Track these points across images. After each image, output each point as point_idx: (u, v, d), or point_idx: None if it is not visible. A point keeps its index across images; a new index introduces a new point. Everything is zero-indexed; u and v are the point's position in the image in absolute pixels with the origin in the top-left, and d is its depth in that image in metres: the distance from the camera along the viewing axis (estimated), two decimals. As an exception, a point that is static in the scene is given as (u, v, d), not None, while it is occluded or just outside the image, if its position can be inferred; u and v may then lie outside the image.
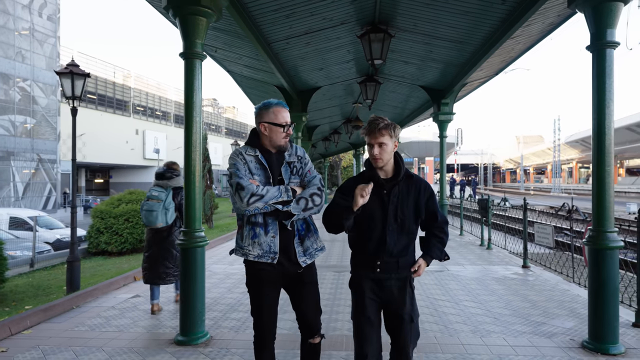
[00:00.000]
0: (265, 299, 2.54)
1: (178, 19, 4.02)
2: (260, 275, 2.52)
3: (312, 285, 2.64)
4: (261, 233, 2.47)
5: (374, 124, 2.44)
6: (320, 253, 2.65)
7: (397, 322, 2.47)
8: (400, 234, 2.46)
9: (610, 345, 3.67)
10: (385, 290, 2.47)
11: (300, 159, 2.66)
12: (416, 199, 2.50)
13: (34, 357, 3.65)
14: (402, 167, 2.50)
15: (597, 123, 3.78)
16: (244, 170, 2.50)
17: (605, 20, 3.69)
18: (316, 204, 2.53)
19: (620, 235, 3.89)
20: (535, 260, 8.05)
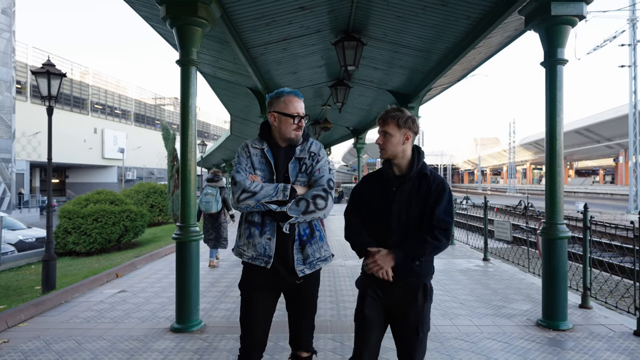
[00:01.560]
0: (255, 306, 2.32)
1: (175, 29, 4.29)
2: (253, 278, 2.32)
3: (310, 301, 2.42)
4: (256, 233, 2.27)
5: (383, 112, 2.31)
6: (324, 264, 2.39)
7: (402, 332, 2.27)
8: (405, 235, 2.22)
9: (560, 322, 4.24)
10: (389, 296, 2.26)
11: (313, 155, 2.38)
12: (425, 199, 2.24)
13: (38, 347, 3.84)
14: (415, 164, 2.28)
15: (550, 129, 4.34)
16: (245, 164, 2.31)
17: (556, 40, 4.26)
18: (319, 207, 2.25)
19: (570, 231, 4.47)
20: (494, 254, 8.72)
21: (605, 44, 19.90)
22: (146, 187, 19.45)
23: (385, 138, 2.26)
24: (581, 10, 4.15)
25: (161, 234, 15.98)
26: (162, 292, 5.79)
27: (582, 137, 50.21)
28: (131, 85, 61.85)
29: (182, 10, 4.19)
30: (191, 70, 4.34)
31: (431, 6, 6.15)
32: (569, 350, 3.72)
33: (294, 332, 2.48)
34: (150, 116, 64.25)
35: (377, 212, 2.27)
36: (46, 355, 3.66)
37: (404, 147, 2.26)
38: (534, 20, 4.37)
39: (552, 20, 4.20)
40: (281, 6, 6.15)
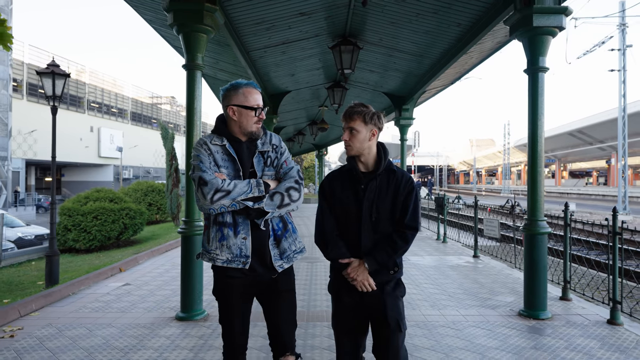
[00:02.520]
0: (235, 310, 2.27)
1: (181, 35, 4.56)
2: (230, 283, 2.22)
3: (288, 294, 2.32)
4: (230, 234, 2.16)
5: (348, 108, 2.28)
6: (300, 255, 2.34)
7: (384, 331, 2.23)
8: (376, 234, 2.23)
9: (540, 312, 4.55)
10: (365, 296, 2.24)
11: (276, 148, 2.33)
12: (394, 196, 2.25)
13: (51, 333, 4.10)
14: (383, 160, 2.28)
15: (532, 133, 4.64)
16: (209, 163, 2.18)
17: (538, 49, 4.56)
18: (293, 199, 2.21)
19: (552, 228, 4.77)
20: (484, 251, 9.03)
21: (595, 49, 20.37)
22: (144, 186, 19.64)
23: (351, 134, 2.23)
24: (560, 22, 4.44)
25: (159, 231, 16.19)
26: (165, 285, 6.05)
27: (575, 139, 50.78)
28: (128, 84, 61.85)
29: (188, 17, 4.46)
30: (196, 74, 4.61)
31: (423, 14, 6.45)
32: (546, 336, 4.02)
33: (275, 335, 2.34)
34: (147, 115, 64.24)
35: (349, 211, 2.25)
36: (60, 340, 3.92)
37: (369, 144, 2.25)
38: (517, 30, 4.67)
39: (534, 31, 4.50)
40: (281, 12, 6.43)
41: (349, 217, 2.25)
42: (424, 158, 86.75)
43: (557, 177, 67.89)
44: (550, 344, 3.86)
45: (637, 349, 3.73)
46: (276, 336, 2.33)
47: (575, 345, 3.81)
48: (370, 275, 2.20)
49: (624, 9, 19.15)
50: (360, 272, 2.18)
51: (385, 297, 2.23)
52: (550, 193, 52.22)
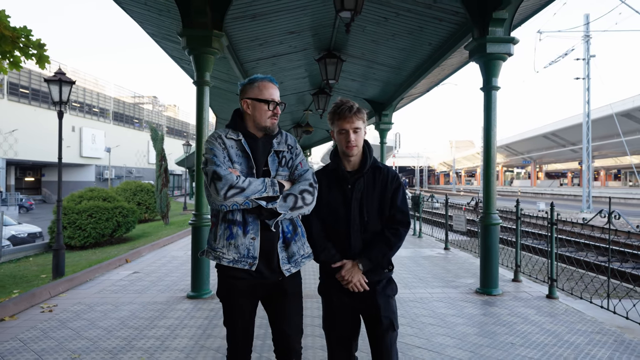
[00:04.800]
0: (240, 312, 2.19)
1: (192, 57, 5.36)
2: (235, 284, 2.15)
3: (294, 298, 2.25)
4: (239, 233, 2.09)
5: (347, 107, 2.19)
6: (307, 260, 2.25)
7: (377, 330, 2.22)
8: (365, 233, 2.21)
9: (493, 289, 5.47)
10: (356, 296, 2.21)
11: (291, 148, 2.27)
12: (382, 193, 2.24)
13: (84, 309, 4.85)
14: (368, 158, 2.26)
15: (486, 140, 5.57)
16: (223, 157, 2.11)
17: (491, 71, 5.49)
18: (307, 202, 2.13)
19: (523, 225, 5.68)
20: (455, 244, 9.99)
21: (559, 60, 21.75)
22: (133, 186, 20.18)
23: (356, 134, 2.19)
24: (509, 50, 5.38)
25: (150, 230, 16.81)
26: (170, 273, 6.81)
27: (550, 142, 52.69)
28: (110, 84, 61.78)
29: (199, 42, 5.26)
30: (205, 89, 5.41)
31: (400, 34, 7.37)
32: (494, 307, 4.95)
33: (280, 341, 2.26)
34: (129, 115, 64.07)
35: (337, 211, 2.23)
36: (93, 313, 4.67)
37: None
38: (475, 55, 5.59)
39: (488, 57, 5.43)
40: (274, 31, 7.27)
41: (337, 217, 2.23)
42: (405, 159, 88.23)
43: (532, 178, 70.05)
44: (496, 312, 4.78)
45: (564, 315, 4.67)
46: (281, 342, 2.24)
47: (516, 313, 4.74)
48: (365, 273, 2.18)
49: (588, 22, 20.54)
50: (355, 273, 2.16)
51: (378, 296, 2.20)
52: (526, 193, 54.04)
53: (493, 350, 3.69)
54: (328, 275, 2.27)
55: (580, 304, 5.11)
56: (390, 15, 6.67)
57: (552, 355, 3.59)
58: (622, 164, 56.10)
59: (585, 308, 4.91)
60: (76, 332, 4.08)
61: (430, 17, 6.49)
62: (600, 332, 4.14)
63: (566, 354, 3.63)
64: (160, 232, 15.15)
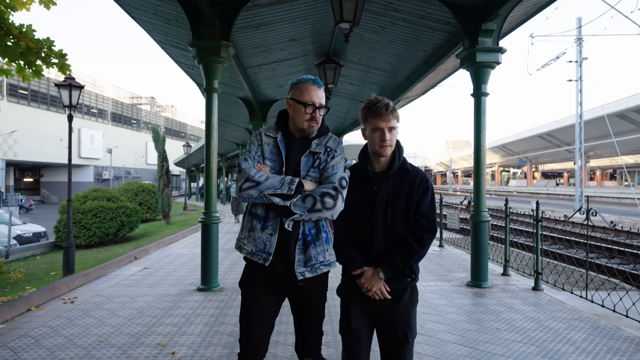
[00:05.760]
0: (256, 306, 2.17)
1: (202, 66, 5.74)
2: (254, 276, 2.18)
3: (316, 301, 2.23)
4: (257, 227, 2.12)
5: (384, 104, 2.08)
6: (327, 269, 2.18)
7: (390, 340, 2.17)
8: (389, 237, 2.11)
9: (482, 282, 5.87)
10: (376, 302, 2.12)
11: (329, 151, 2.21)
12: (408, 197, 2.13)
13: (102, 300, 5.22)
14: (397, 159, 2.15)
15: (476, 143, 5.96)
16: (255, 152, 2.18)
17: (480, 79, 5.88)
18: (327, 206, 2.05)
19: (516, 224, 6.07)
20: (449, 242, 10.37)
21: (551, 63, 22.23)
22: (134, 186, 20.53)
23: (391, 134, 2.10)
24: (497, 59, 5.78)
25: (152, 229, 17.16)
26: (178, 268, 7.18)
27: (545, 142, 53.20)
28: (108, 85, 62.19)
29: (208, 52, 5.64)
30: (213, 96, 5.79)
31: (396, 41, 7.76)
32: (483, 298, 5.34)
33: (299, 338, 2.29)
34: (127, 115, 64.31)
35: (361, 213, 2.15)
36: (111, 304, 5.04)
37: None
38: (465, 63, 5.99)
39: (477, 65, 5.82)
40: (276, 39, 7.65)
41: (360, 220, 2.15)
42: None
43: (528, 178, 70.61)
44: (485, 302, 5.18)
45: (547, 304, 5.07)
46: (301, 342, 2.28)
47: (503, 303, 5.14)
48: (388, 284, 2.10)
49: (581, 25, 21.01)
50: (375, 281, 2.08)
51: (399, 307, 2.13)
52: (522, 193, 54.56)
53: (480, 335, 4.08)
54: (349, 279, 2.18)
55: (563, 295, 5.51)
56: (386, 25, 7.05)
57: (532, 339, 3.98)
58: (617, 164, 56.71)
59: (567, 298, 5.31)
60: (99, 320, 4.45)
61: (424, 26, 6.88)
62: (578, 319, 4.54)
63: (545, 337, 4.03)
64: (163, 231, 15.50)
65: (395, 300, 2.12)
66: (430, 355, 3.59)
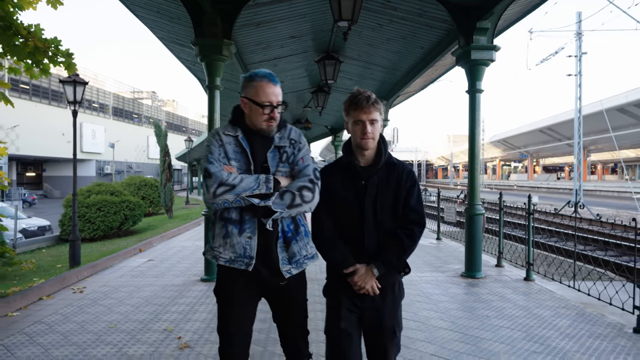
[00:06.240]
0: (235, 314, 2.10)
1: (204, 63, 5.92)
2: (232, 284, 2.09)
3: (298, 300, 2.19)
4: (234, 232, 2.02)
5: (365, 97, 2.07)
6: (311, 262, 2.16)
7: (379, 336, 2.15)
8: (379, 232, 2.11)
9: (476, 273, 6.07)
10: (365, 299, 2.11)
11: (294, 143, 2.16)
12: (396, 190, 2.13)
13: (110, 290, 5.43)
14: (383, 153, 2.15)
15: (471, 139, 6.15)
16: (218, 154, 2.06)
17: (475, 76, 6.05)
18: (306, 200, 2.02)
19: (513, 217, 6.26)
20: (447, 235, 10.57)
21: (550, 58, 22.34)
22: (137, 180, 20.75)
23: (373, 126, 2.07)
24: (491, 56, 5.95)
25: (155, 223, 17.40)
26: (182, 260, 7.40)
27: (546, 136, 53.27)
28: (109, 79, 62.08)
29: (210, 50, 5.82)
30: (215, 93, 5.98)
31: (394, 38, 7.92)
32: (476, 287, 5.55)
33: (287, 342, 2.24)
34: (129, 110, 64.44)
35: (350, 209, 2.13)
36: (119, 293, 5.26)
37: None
38: (460, 61, 6.16)
39: (472, 62, 5.99)
40: (276, 36, 7.82)
41: (349, 215, 2.12)
42: (403, 154, 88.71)
43: (529, 172, 70.67)
44: (477, 291, 5.38)
45: (537, 294, 5.28)
46: (287, 344, 2.23)
47: (494, 292, 5.34)
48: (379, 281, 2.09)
49: (580, 20, 21.08)
50: (369, 279, 2.06)
51: (388, 302, 2.14)
52: (522, 187, 54.75)
53: (470, 321, 4.29)
54: (336, 277, 2.15)
55: (553, 285, 5.72)
56: (384, 22, 7.21)
57: (519, 325, 4.19)
58: (618, 158, 56.78)
59: (557, 288, 5.52)
60: (108, 308, 4.67)
61: (421, 24, 7.04)
62: (565, 307, 4.74)
63: (532, 323, 4.23)
64: (166, 224, 15.72)
65: (384, 296, 2.12)
66: (422, 340, 3.80)
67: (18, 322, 4.25)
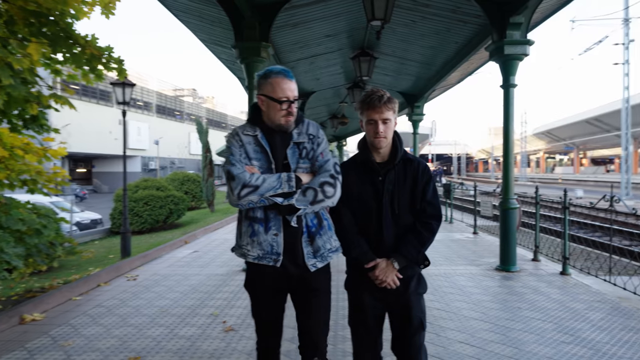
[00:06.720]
0: (267, 308, 2.20)
1: (244, 65, 6.24)
2: (262, 280, 2.15)
3: (321, 295, 2.20)
4: (260, 230, 2.06)
5: (377, 97, 2.10)
6: (335, 255, 2.20)
7: (405, 327, 2.18)
8: (397, 227, 2.16)
9: (511, 266, 6.12)
10: (386, 292, 2.15)
11: (312, 138, 2.17)
12: (412, 185, 2.18)
13: (160, 278, 5.87)
14: (399, 149, 2.19)
15: (505, 133, 6.18)
16: (239, 155, 2.09)
17: (509, 71, 6.07)
18: (328, 195, 2.06)
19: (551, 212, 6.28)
20: (484, 229, 10.53)
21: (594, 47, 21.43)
22: (180, 176, 21.58)
23: (386, 126, 2.12)
24: (525, 51, 5.94)
25: (197, 216, 18.09)
26: (225, 252, 7.80)
27: (593, 127, 51.06)
28: (152, 78, 64.40)
29: (250, 53, 6.12)
30: (254, 93, 6.26)
31: (428, 34, 7.99)
32: (510, 281, 5.62)
33: (305, 337, 2.22)
34: (171, 107, 66.48)
35: (368, 205, 2.18)
36: (168, 282, 5.68)
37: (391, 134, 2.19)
38: (494, 56, 6.18)
39: (506, 57, 6.01)
40: (312, 35, 8.06)
41: (368, 210, 2.18)
42: (442, 146, 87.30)
43: (575, 165, 67.98)
44: (511, 284, 5.46)
45: (572, 288, 5.30)
46: (306, 339, 2.21)
47: (528, 285, 5.40)
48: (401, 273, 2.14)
49: (628, 6, 20.12)
50: (389, 272, 2.11)
51: (411, 295, 2.17)
52: (567, 180, 52.75)
53: (501, 312, 4.40)
54: (357, 271, 2.21)
55: (590, 279, 5.70)
56: (417, 19, 7.31)
57: (551, 317, 4.26)
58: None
59: (593, 282, 5.51)
60: (159, 294, 5.08)
61: (455, 19, 7.09)
62: (600, 301, 4.76)
63: (564, 315, 4.30)
64: (208, 218, 16.35)
65: (406, 288, 2.17)
66: (452, 329, 3.96)
67: (81, 305, 4.71)
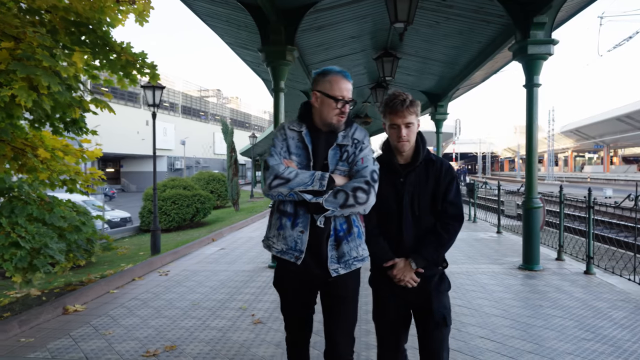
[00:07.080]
0: (295, 305, 2.21)
1: (270, 68, 6.44)
2: (286, 274, 2.16)
3: (345, 302, 2.16)
4: (287, 225, 2.07)
5: (400, 100, 2.10)
6: (361, 264, 2.16)
7: (427, 322, 2.19)
8: (417, 228, 2.16)
9: (534, 265, 6.14)
10: (407, 290, 2.17)
11: (357, 143, 2.16)
12: (435, 187, 2.18)
13: (189, 274, 6.12)
14: (421, 151, 2.19)
15: (528, 133, 6.20)
16: (280, 148, 2.12)
17: (532, 70, 6.09)
18: (360, 201, 2.02)
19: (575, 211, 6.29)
20: (508, 228, 10.49)
21: (624, 43, 20.89)
22: (206, 175, 22.06)
23: (409, 129, 2.12)
24: (549, 50, 5.96)
25: (222, 215, 18.49)
26: (251, 249, 8.04)
27: (624, 125, 49.59)
28: (178, 79, 65.65)
29: (275, 56, 6.32)
30: (280, 95, 6.48)
31: (451, 34, 8.04)
32: (533, 279, 5.65)
33: (329, 343, 2.21)
34: (196, 108, 67.63)
35: (389, 205, 2.19)
36: (197, 277, 5.92)
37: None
38: (517, 56, 6.21)
39: (529, 57, 6.03)
40: (337, 37, 8.21)
41: (388, 211, 2.18)
42: (466, 145, 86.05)
43: (605, 163, 66.07)
44: (533, 283, 5.49)
45: (596, 287, 5.30)
46: (330, 345, 2.19)
47: (551, 284, 5.43)
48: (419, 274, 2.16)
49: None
50: (407, 272, 2.13)
51: (432, 292, 2.18)
52: (597, 179, 51.41)
53: (523, 310, 4.47)
54: (379, 269, 2.23)
55: (614, 278, 5.68)
56: (441, 20, 7.37)
57: (573, 315, 4.31)
58: None
59: (618, 282, 5.49)
60: (190, 289, 5.32)
61: (478, 20, 7.12)
62: (624, 300, 4.77)
63: (586, 314, 4.34)
64: (233, 217, 16.70)
65: (427, 286, 2.17)
66: (473, 324, 4.06)
67: (118, 297, 4.99)
